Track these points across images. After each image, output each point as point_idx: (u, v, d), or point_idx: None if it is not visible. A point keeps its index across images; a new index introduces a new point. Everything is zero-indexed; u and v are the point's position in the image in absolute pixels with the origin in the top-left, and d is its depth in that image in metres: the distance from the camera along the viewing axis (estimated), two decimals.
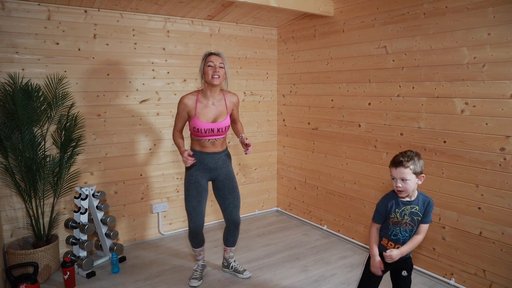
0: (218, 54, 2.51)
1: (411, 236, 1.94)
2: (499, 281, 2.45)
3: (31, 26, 2.89)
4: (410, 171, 1.82)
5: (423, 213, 1.90)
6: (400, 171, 1.83)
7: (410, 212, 1.90)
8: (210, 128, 2.53)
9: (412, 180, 1.83)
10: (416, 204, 1.90)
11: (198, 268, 2.84)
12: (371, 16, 3.12)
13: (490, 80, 2.40)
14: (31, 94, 2.76)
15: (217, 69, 2.47)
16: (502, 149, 2.38)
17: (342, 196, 3.58)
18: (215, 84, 2.48)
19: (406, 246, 1.91)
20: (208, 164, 2.63)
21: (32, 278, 2.56)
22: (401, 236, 1.94)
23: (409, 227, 1.92)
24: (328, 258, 3.20)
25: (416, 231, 1.93)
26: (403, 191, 1.85)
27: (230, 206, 2.73)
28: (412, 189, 1.87)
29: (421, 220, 1.91)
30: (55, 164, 2.90)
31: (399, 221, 1.92)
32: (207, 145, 2.60)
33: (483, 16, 2.40)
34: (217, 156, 2.64)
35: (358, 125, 3.34)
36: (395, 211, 1.92)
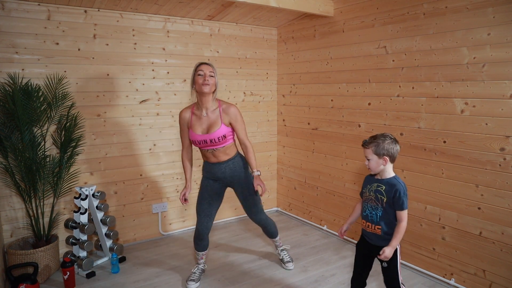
0: (208, 64, 2.53)
1: (377, 214, 2.01)
2: (499, 281, 2.45)
3: (31, 26, 2.89)
4: (371, 151, 1.98)
5: (390, 198, 1.96)
6: (364, 150, 2.03)
7: (376, 189, 2.02)
8: (202, 139, 2.53)
9: (373, 160, 1.99)
10: (384, 184, 2.00)
11: (197, 271, 2.83)
12: (371, 16, 3.12)
13: (490, 80, 2.40)
14: (31, 94, 2.76)
15: (207, 77, 2.46)
16: (502, 149, 2.38)
17: (342, 196, 3.58)
18: (205, 92, 2.47)
19: (394, 238, 1.96)
20: (216, 174, 2.66)
21: (32, 278, 2.56)
22: (368, 213, 2.06)
23: (374, 203, 2.03)
24: (328, 258, 3.20)
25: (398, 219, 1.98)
26: (369, 168, 2.04)
27: (248, 211, 2.81)
28: (376, 168, 2.00)
29: (395, 206, 1.96)
30: (55, 164, 2.90)
31: (367, 197, 2.08)
32: (209, 156, 2.63)
33: (483, 16, 2.40)
34: (222, 166, 2.63)
35: (358, 125, 3.34)
36: (366, 186, 2.10)
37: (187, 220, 3.87)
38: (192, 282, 2.74)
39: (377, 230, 2.02)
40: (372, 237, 2.06)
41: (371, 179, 2.09)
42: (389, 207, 1.98)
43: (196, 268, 2.85)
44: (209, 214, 2.69)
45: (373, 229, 2.04)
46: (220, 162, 2.63)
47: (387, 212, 1.99)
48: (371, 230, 2.05)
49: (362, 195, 2.14)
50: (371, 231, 2.06)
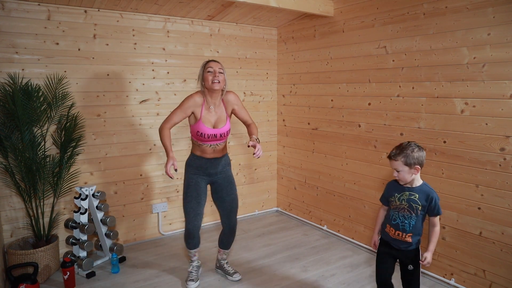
0: (217, 61, 2.54)
1: (410, 223, 2.00)
2: (499, 281, 2.45)
3: (31, 26, 2.89)
4: (401, 163, 1.95)
5: (425, 206, 1.97)
6: (393, 163, 1.99)
7: (408, 198, 2.00)
8: (213, 133, 2.53)
9: (404, 171, 1.96)
10: (416, 192, 1.99)
11: (193, 269, 2.82)
12: (371, 16, 3.12)
13: (490, 80, 2.40)
14: (31, 94, 2.76)
15: (217, 74, 2.47)
16: (502, 149, 2.38)
17: (342, 196, 3.58)
18: (215, 89, 2.48)
19: (431, 243, 2.01)
20: (208, 170, 2.63)
21: (32, 278, 2.56)
22: (399, 221, 2.03)
23: (407, 213, 2.00)
24: (328, 258, 3.20)
25: (431, 224, 2.03)
26: (400, 179, 2.01)
27: (227, 209, 2.73)
28: (408, 179, 1.98)
29: (431, 213, 1.99)
30: (55, 164, 2.90)
31: (398, 205, 2.04)
32: (208, 151, 2.60)
33: (483, 16, 2.40)
34: (217, 161, 2.64)
35: (358, 125, 3.34)
36: (395, 195, 2.06)
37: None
38: (192, 282, 2.74)
39: (407, 238, 2.02)
40: (401, 245, 2.05)
41: (398, 187, 2.06)
42: (421, 215, 1.99)
43: (191, 267, 2.83)
44: (199, 213, 2.65)
45: (403, 237, 2.03)
46: (217, 157, 2.63)
47: (418, 219, 2.00)
48: (401, 238, 2.03)
49: (389, 203, 2.10)
50: (400, 239, 2.04)
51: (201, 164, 2.62)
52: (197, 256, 2.85)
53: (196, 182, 2.62)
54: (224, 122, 2.59)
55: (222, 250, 2.91)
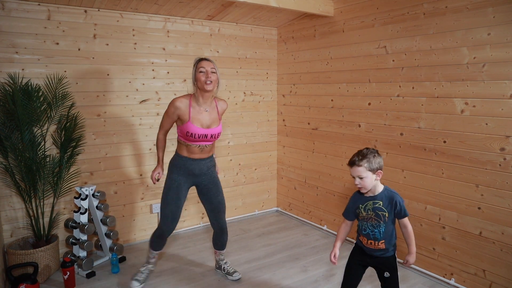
0: (208, 59, 2.49)
1: (380, 231, 1.97)
2: (499, 281, 2.45)
3: (31, 26, 2.89)
4: (365, 169, 1.91)
5: (391, 211, 1.95)
6: (355, 169, 1.94)
7: (373, 207, 1.98)
8: (204, 133, 2.49)
9: (368, 177, 1.92)
10: (379, 199, 1.97)
11: (145, 271, 2.76)
12: (371, 16, 3.12)
13: (490, 80, 2.40)
14: (31, 94, 2.76)
15: (209, 74, 2.43)
16: (502, 149, 2.38)
17: (342, 196, 3.57)
18: (208, 90, 2.45)
19: (411, 244, 1.99)
20: (193, 171, 2.58)
21: (32, 278, 2.56)
22: (369, 231, 2.01)
23: (375, 221, 1.98)
24: (328, 258, 3.20)
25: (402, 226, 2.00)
26: (362, 187, 1.96)
27: (215, 211, 2.72)
28: (370, 185, 1.95)
29: (398, 216, 1.97)
30: (55, 164, 2.90)
31: (364, 216, 2.02)
32: (196, 151, 2.55)
33: (483, 16, 2.40)
34: (203, 162, 2.60)
35: (358, 125, 3.34)
36: (359, 206, 2.03)
37: (187, 220, 3.87)
38: (137, 283, 2.68)
39: (381, 245, 1.99)
40: (376, 252, 2.03)
41: (361, 197, 2.03)
42: (389, 221, 1.96)
43: (145, 267, 2.77)
44: (177, 217, 2.60)
45: (376, 245, 2.00)
46: (203, 158, 2.60)
47: (388, 225, 1.97)
48: (374, 246, 2.01)
49: (356, 216, 2.08)
50: (374, 247, 2.01)
51: (186, 164, 2.56)
52: (156, 259, 2.80)
53: (178, 185, 2.57)
54: (217, 124, 2.57)
55: (218, 251, 2.90)
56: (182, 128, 2.50)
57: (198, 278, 2.90)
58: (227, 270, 2.88)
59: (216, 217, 2.74)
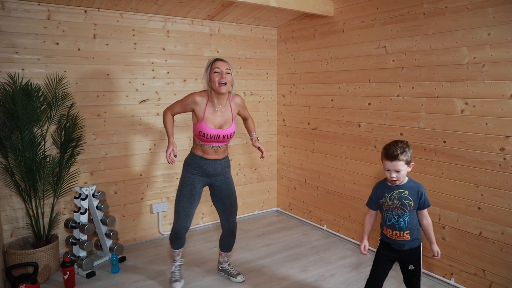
0: (224, 60, 2.44)
1: (405, 220, 1.99)
2: (499, 281, 2.45)
3: (31, 26, 2.89)
4: (403, 162, 1.94)
5: (416, 200, 1.98)
6: (396, 164, 1.93)
7: (399, 196, 1.99)
8: (216, 134, 2.47)
9: (404, 170, 1.96)
10: (405, 188, 1.99)
11: (176, 269, 2.76)
12: (371, 16, 3.12)
13: (490, 80, 2.40)
14: (31, 94, 2.76)
15: (224, 75, 2.38)
16: (502, 149, 2.38)
17: (342, 196, 3.58)
18: (222, 92, 2.41)
19: (432, 235, 2.07)
20: (208, 170, 2.57)
21: (32, 278, 2.55)
22: (394, 221, 2.02)
23: (400, 211, 2.00)
24: (328, 258, 3.20)
25: (422, 218, 2.04)
26: (397, 180, 1.98)
27: (227, 211, 2.70)
28: (405, 177, 2.01)
29: (421, 206, 2.00)
30: (55, 164, 2.90)
31: (390, 205, 2.03)
32: (210, 152, 2.53)
33: (483, 16, 2.40)
34: (217, 163, 2.59)
35: (358, 125, 3.34)
36: (385, 196, 2.04)
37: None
38: (177, 283, 2.69)
39: (406, 236, 2.00)
40: (402, 244, 2.03)
41: (387, 187, 2.04)
42: (414, 210, 2.00)
43: (174, 267, 2.76)
44: (190, 214, 2.58)
45: (401, 236, 2.01)
46: (218, 159, 2.58)
47: (412, 214, 2.00)
48: (400, 237, 2.02)
49: (380, 205, 2.08)
50: (399, 239, 2.02)
51: (201, 164, 2.56)
52: (180, 255, 2.78)
53: (192, 182, 2.56)
54: (230, 124, 2.53)
55: (223, 253, 2.88)
56: (196, 127, 2.48)
57: (198, 278, 2.90)
58: (230, 272, 2.88)
59: (227, 218, 2.72)
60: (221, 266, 2.93)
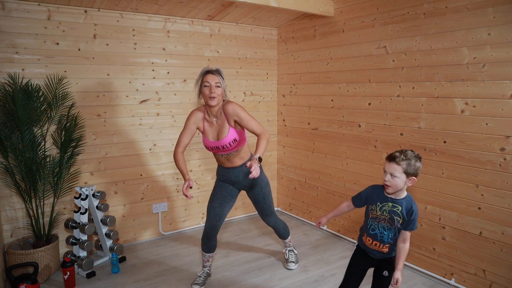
0: (213, 73, 2.42)
1: (389, 235, 1.90)
2: (499, 281, 2.45)
3: (31, 26, 2.89)
4: (401, 169, 1.81)
5: (405, 218, 1.86)
6: (392, 166, 1.82)
7: (390, 209, 1.88)
8: (215, 146, 2.50)
9: (401, 178, 1.81)
10: (400, 204, 1.87)
11: (202, 275, 2.78)
12: (371, 16, 3.12)
13: (490, 80, 2.40)
14: (31, 94, 2.76)
15: (213, 89, 2.37)
16: (502, 149, 2.38)
17: (342, 196, 3.58)
18: (212, 105, 2.43)
19: (400, 261, 1.90)
20: (230, 178, 2.65)
21: (32, 278, 2.56)
22: (378, 232, 1.94)
23: (388, 224, 1.90)
24: (328, 258, 3.20)
25: (402, 239, 1.90)
26: (390, 186, 1.84)
27: (262, 214, 2.83)
28: (399, 188, 1.84)
29: (406, 227, 1.87)
30: (55, 164, 2.90)
31: (378, 216, 1.93)
32: (223, 161, 2.60)
33: (483, 16, 2.40)
34: (236, 170, 2.60)
35: (358, 125, 3.34)
36: (377, 203, 1.93)
37: (187, 220, 3.87)
38: (197, 286, 2.71)
39: (384, 248, 1.94)
40: (377, 254, 1.98)
41: (382, 196, 1.93)
42: (400, 228, 1.89)
43: (202, 271, 2.80)
44: (219, 213, 2.64)
45: (379, 247, 1.95)
46: (235, 167, 2.59)
47: (398, 232, 1.91)
48: (377, 248, 1.96)
49: (367, 211, 2.00)
50: (377, 249, 1.96)
51: (222, 172, 2.68)
52: (210, 262, 2.81)
53: (221, 184, 2.70)
54: (226, 133, 2.45)
55: (282, 241, 3.18)
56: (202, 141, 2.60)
57: None
58: (288, 257, 3.07)
59: (264, 219, 2.87)
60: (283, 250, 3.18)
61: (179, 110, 3.66)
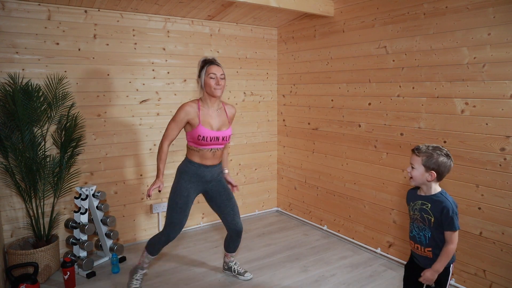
0: (219, 65, 2.45)
1: (426, 235, 1.82)
2: (499, 281, 2.45)
3: (31, 26, 2.89)
4: (420, 161, 1.79)
5: (438, 217, 1.78)
6: (413, 157, 1.83)
7: (420, 208, 1.84)
8: (215, 136, 2.46)
9: (419, 170, 1.80)
10: (429, 201, 1.81)
11: (140, 277, 2.68)
12: (371, 16, 3.12)
13: (490, 80, 2.40)
14: (31, 94, 2.76)
15: (219, 81, 2.41)
16: (502, 149, 2.38)
17: (342, 196, 3.58)
18: (217, 96, 2.45)
19: (438, 261, 1.80)
20: (206, 177, 2.54)
21: (32, 278, 2.56)
22: (416, 234, 1.87)
23: (421, 224, 1.84)
24: (328, 258, 3.20)
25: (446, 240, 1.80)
26: (412, 178, 1.85)
27: (231, 214, 2.69)
28: (419, 180, 1.82)
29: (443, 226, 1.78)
30: (55, 164, 2.90)
31: (412, 215, 1.90)
32: (208, 156, 2.50)
33: (483, 16, 2.40)
34: (214, 168, 2.57)
35: (358, 125, 3.34)
36: (410, 203, 1.92)
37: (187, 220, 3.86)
38: None
39: (427, 252, 1.84)
40: (423, 261, 1.88)
41: (414, 195, 1.90)
42: (438, 228, 1.79)
43: (140, 274, 2.68)
44: (183, 224, 2.56)
45: (423, 251, 1.86)
46: (214, 164, 2.56)
47: (437, 233, 1.80)
48: (421, 252, 1.87)
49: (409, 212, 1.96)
50: (421, 254, 1.87)
51: (198, 171, 2.51)
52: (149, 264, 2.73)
53: (188, 194, 2.51)
54: (227, 126, 2.55)
55: (229, 254, 2.89)
56: (193, 133, 2.44)
57: (198, 278, 2.90)
58: (237, 271, 2.89)
59: (233, 220, 2.71)
60: (227, 265, 2.93)
61: None
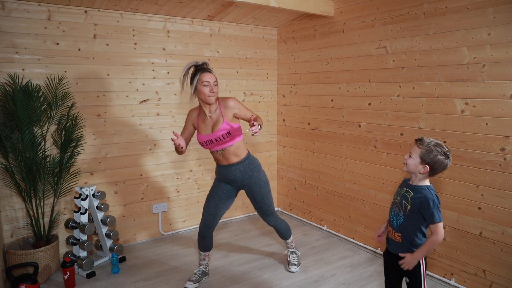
0: (210, 71, 2.46)
1: (397, 221, 1.88)
2: (499, 281, 2.45)
3: (31, 26, 2.89)
4: (419, 152, 1.82)
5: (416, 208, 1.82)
6: (414, 146, 1.87)
7: (403, 194, 1.90)
8: (208, 139, 2.51)
9: (415, 160, 1.84)
10: (412, 191, 1.86)
11: (198, 272, 2.81)
12: (371, 16, 3.12)
13: (490, 80, 2.40)
14: (31, 94, 2.76)
15: (213, 88, 2.43)
16: (502, 149, 2.38)
17: (342, 196, 3.58)
18: (212, 102, 2.48)
19: (420, 249, 1.83)
20: (227, 176, 2.64)
21: (32, 278, 2.56)
22: (391, 217, 1.95)
23: (397, 209, 1.91)
24: (328, 258, 3.20)
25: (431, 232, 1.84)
26: (405, 164, 1.89)
27: (261, 214, 2.82)
28: (412, 169, 1.86)
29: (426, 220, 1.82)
30: (55, 164, 2.90)
31: (394, 199, 1.96)
32: (219, 158, 2.60)
33: (483, 16, 2.40)
34: (232, 168, 2.59)
35: (358, 125, 3.34)
36: (398, 189, 1.98)
37: (187, 220, 3.87)
38: (190, 283, 2.72)
39: (396, 237, 1.90)
40: (393, 244, 1.94)
41: (406, 182, 1.95)
42: (413, 217, 1.83)
43: (198, 269, 2.84)
44: (214, 214, 2.68)
45: (393, 235, 1.92)
46: (231, 164, 2.58)
47: (410, 221, 1.84)
48: (392, 236, 1.93)
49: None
50: (392, 238, 1.93)
51: (220, 171, 2.67)
52: (206, 261, 2.84)
53: (218, 185, 2.71)
54: (220, 124, 2.49)
55: (283, 241, 3.11)
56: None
57: None
58: (290, 259, 3.03)
59: (264, 219, 2.85)
60: (286, 252, 3.12)
61: (179, 110, 3.66)
